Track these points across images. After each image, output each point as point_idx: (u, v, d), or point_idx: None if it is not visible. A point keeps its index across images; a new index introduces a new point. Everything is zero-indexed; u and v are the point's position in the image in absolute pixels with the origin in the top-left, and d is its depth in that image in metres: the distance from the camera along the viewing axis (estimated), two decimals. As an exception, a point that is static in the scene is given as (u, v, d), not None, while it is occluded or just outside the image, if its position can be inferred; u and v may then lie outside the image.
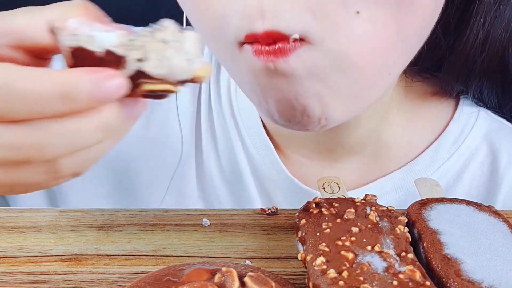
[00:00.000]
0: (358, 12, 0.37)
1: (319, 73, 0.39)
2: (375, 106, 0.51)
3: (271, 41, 0.37)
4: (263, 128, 0.56)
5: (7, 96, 0.28)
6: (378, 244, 0.34)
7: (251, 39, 0.38)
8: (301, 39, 0.37)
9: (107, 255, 0.39)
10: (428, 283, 0.30)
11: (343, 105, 0.41)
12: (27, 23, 0.31)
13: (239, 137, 0.57)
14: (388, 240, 0.34)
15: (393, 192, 0.55)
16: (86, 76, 0.28)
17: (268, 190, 0.57)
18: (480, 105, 0.57)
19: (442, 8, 0.44)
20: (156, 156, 0.58)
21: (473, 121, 0.56)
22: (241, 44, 0.39)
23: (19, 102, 0.28)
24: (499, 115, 0.58)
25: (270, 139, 0.56)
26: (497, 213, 0.39)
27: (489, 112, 0.58)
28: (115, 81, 0.29)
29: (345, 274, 0.31)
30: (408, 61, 0.45)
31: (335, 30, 0.37)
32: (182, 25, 0.49)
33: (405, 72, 0.54)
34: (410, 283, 0.30)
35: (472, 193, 0.55)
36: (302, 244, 0.36)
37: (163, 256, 0.39)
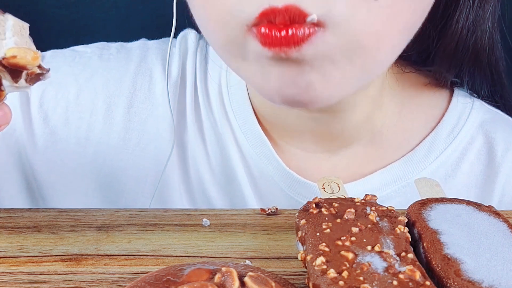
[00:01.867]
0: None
1: (329, 56, 0.39)
2: (366, 92, 0.51)
3: (287, 21, 0.36)
4: (257, 123, 0.56)
5: None
6: (378, 244, 0.34)
7: (266, 17, 0.37)
8: (316, 23, 0.37)
9: (107, 255, 0.39)
10: (428, 283, 0.30)
11: (345, 85, 0.41)
12: None
13: (232, 134, 0.56)
14: (388, 240, 0.34)
15: (392, 184, 0.55)
16: None
17: (262, 188, 0.56)
18: (474, 96, 0.58)
19: None
20: (139, 161, 0.57)
21: (468, 111, 0.57)
22: (250, 27, 0.38)
23: None
24: (493, 105, 0.59)
25: (264, 133, 0.56)
26: (497, 213, 0.39)
27: (483, 103, 0.58)
28: None
29: (345, 274, 0.31)
30: (404, 47, 0.45)
31: (354, 13, 0.37)
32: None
33: (396, 62, 0.55)
34: (410, 283, 0.30)
35: (471, 181, 0.56)
36: (302, 244, 0.36)
37: (163, 256, 0.39)
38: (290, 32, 0.37)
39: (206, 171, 0.57)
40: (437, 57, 0.55)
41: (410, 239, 0.35)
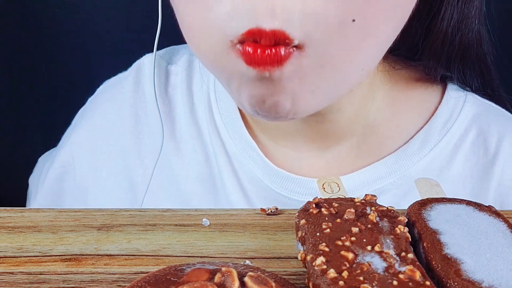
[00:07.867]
0: (354, 20, 0.37)
1: (300, 75, 0.39)
2: (355, 92, 0.51)
3: (272, 43, 0.37)
4: (244, 125, 0.57)
5: None
6: (378, 244, 0.34)
7: (252, 36, 0.37)
8: (296, 45, 0.38)
9: (107, 255, 0.39)
10: (428, 283, 0.30)
11: (314, 99, 0.42)
12: None
13: (219, 138, 0.57)
14: (388, 240, 0.34)
15: (387, 176, 0.56)
16: None
17: (250, 192, 0.57)
18: (466, 90, 0.59)
19: None
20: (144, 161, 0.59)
21: (461, 104, 0.58)
22: (234, 44, 0.39)
23: None
24: (486, 98, 0.60)
25: (253, 138, 0.56)
26: (497, 213, 0.39)
27: (476, 96, 0.59)
28: None
29: (345, 274, 0.31)
30: (382, 55, 0.45)
31: (331, 36, 0.38)
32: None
33: (386, 58, 0.55)
34: (410, 283, 0.30)
35: (466, 173, 0.57)
36: (302, 244, 0.36)
37: (163, 256, 0.39)
38: (274, 51, 0.37)
39: (192, 179, 0.58)
40: (425, 53, 0.55)
41: (410, 239, 0.35)
